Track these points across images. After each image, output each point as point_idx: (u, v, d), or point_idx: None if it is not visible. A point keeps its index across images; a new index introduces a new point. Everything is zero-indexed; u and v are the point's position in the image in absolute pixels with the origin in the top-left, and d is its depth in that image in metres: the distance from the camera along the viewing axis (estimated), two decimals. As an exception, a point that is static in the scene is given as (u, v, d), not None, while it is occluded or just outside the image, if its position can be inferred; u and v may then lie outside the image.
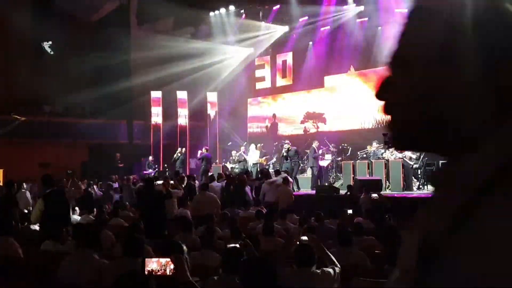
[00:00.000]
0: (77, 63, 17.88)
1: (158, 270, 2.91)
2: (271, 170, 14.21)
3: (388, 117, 0.71)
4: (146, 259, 3.02)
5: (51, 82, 17.12)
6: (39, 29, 15.74)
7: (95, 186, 13.26)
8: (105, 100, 18.34)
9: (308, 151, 14.87)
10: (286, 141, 15.04)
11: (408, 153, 12.83)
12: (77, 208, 8.91)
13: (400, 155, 13.05)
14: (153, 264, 2.93)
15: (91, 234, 3.97)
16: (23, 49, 16.17)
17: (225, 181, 11.54)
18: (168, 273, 2.91)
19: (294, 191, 12.22)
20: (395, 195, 11.72)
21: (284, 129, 19.45)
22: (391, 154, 13.24)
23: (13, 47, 16.41)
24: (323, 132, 17.73)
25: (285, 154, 14.66)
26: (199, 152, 16.16)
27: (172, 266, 2.92)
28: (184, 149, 16.88)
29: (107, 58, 17.88)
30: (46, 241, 5.40)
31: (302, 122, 18.74)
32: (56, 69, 16.79)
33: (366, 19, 16.75)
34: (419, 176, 13.28)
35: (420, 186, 13.10)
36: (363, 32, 16.89)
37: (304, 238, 5.20)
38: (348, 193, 11.64)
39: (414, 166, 13.04)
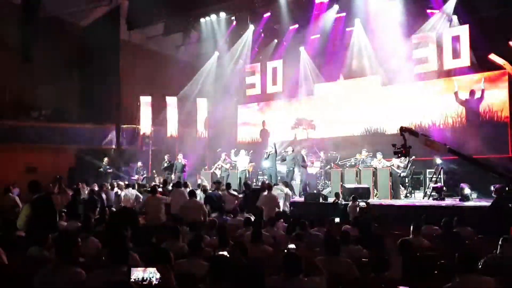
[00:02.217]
0: (65, 68, 17.76)
1: (144, 280, 2.86)
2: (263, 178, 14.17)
3: None
4: (132, 268, 2.98)
5: (38, 86, 16.99)
6: (27, 34, 15.63)
7: (85, 187, 13.11)
8: (93, 105, 18.22)
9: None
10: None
11: (396, 162, 12.94)
12: (64, 214, 8.80)
13: (388, 163, 13.14)
14: (139, 273, 2.89)
15: (69, 244, 3.75)
16: (10, 54, 16.01)
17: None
18: (154, 283, 2.87)
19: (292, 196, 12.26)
20: (383, 203, 11.78)
21: (274, 135, 19.46)
22: (379, 162, 13.32)
23: (0, 52, 16.26)
24: (312, 139, 17.80)
25: (271, 154, 14.52)
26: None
27: (158, 276, 2.89)
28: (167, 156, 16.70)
29: (96, 62, 17.79)
30: (32, 247, 5.33)
31: (292, 128, 18.80)
32: (44, 73, 16.66)
33: (355, 28, 16.90)
34: (407, 184, 13.37)
35: (408, 194, 13.18)
36: (353, 41, 17.04)
37: (292, 246, 5.22)
38: (336, 200, 11.69)
39: (402, 174, 13.13)
